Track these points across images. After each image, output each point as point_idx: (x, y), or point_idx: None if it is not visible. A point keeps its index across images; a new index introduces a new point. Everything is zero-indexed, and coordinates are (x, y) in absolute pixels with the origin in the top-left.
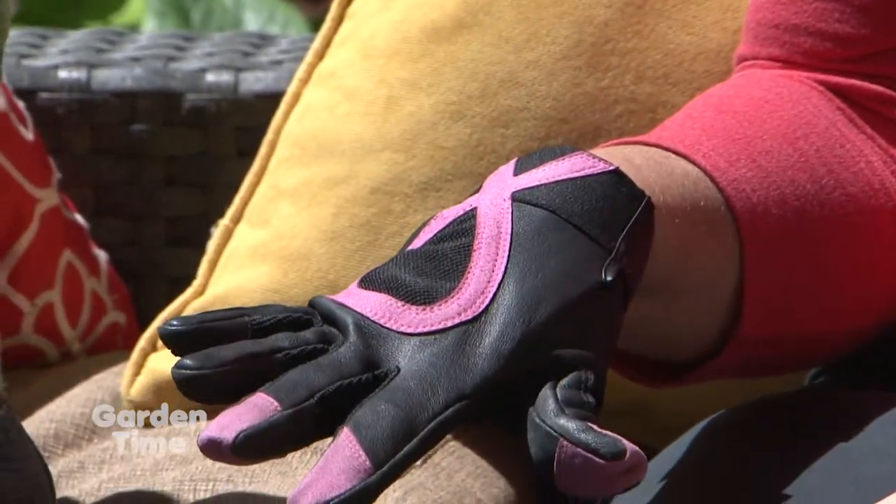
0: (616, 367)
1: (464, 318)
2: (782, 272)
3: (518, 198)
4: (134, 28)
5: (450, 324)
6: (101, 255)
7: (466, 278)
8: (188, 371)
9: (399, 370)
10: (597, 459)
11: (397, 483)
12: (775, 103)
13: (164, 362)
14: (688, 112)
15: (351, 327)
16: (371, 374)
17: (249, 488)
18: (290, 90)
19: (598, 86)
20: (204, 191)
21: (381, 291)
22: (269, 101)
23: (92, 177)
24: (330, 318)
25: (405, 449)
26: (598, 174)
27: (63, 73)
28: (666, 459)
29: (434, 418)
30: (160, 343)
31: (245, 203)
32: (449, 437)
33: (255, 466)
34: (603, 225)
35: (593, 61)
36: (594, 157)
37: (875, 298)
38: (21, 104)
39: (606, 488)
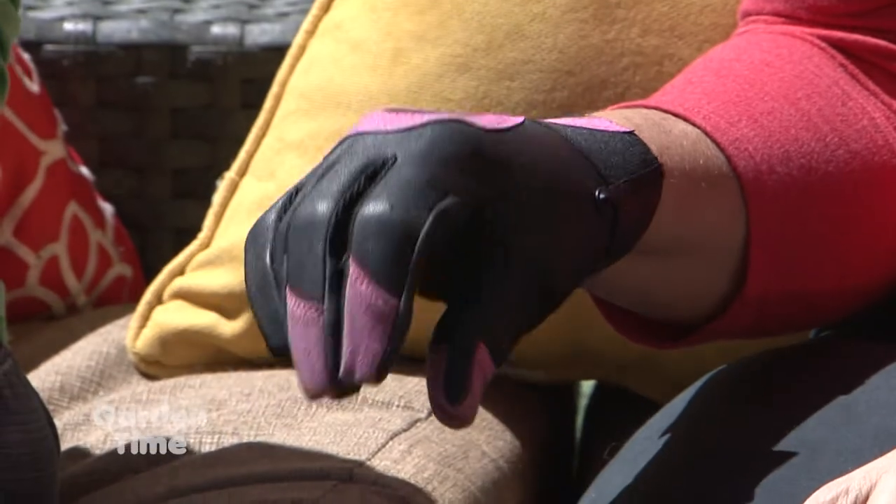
0: (617, 328)
1: (461, 119)
2: (788, 229)
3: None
4: None
5: (446, 118)
6: (107, 207)
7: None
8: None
9: (396, 158)
10: (441, 387)
11: (403, 436)
12: (776, 65)
13: (169, 315)
14: (687, 77)
15: (339, 148)
16: (363, 177)
17: (255, 440)
18: (296, 42)
19: (604, 38)
20: (210, 143)
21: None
22: (274, 54)
23: (97, 129)
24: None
25: (412, 261)
26: (616, 132)
27: (69, 26)
28: (668, 414)
29: (430, 212)
30: (166, 296)
31: (251, 156)
32: None
33: (261, 419)
34: (609, 166)
35: (599, 14)
36: (613, 122)
37: (881, 256)
38: (26, 56)
39: (433, 405)
